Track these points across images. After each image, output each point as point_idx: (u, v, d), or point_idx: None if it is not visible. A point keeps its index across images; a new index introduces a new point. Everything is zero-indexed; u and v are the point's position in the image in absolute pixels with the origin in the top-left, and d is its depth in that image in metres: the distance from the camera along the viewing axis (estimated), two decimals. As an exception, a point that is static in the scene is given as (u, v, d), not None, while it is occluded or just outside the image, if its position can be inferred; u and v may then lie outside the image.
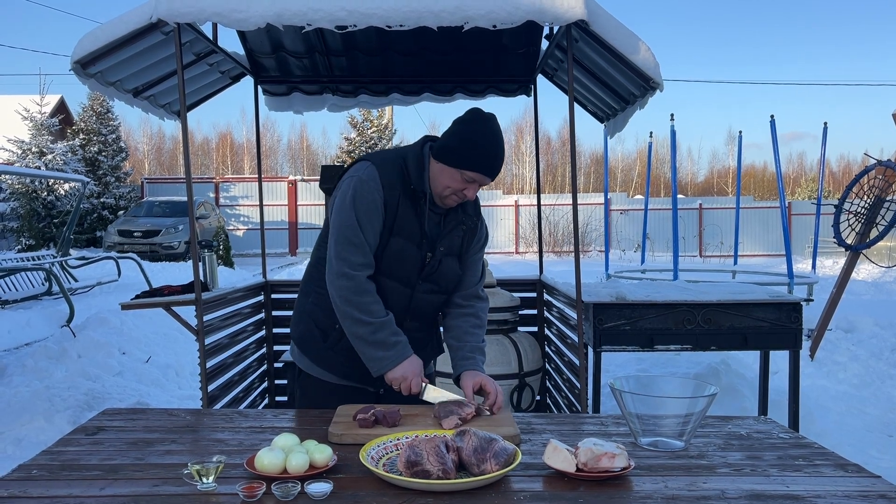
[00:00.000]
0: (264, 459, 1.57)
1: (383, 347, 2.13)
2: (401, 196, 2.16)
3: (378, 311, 2.14)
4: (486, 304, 2.42)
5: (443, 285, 2.29)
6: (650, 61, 3.06)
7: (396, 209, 2.15)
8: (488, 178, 2.16)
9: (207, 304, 3.39)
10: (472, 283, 2.38)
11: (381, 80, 4.72)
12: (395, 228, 2.16)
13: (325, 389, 2.32)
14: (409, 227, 2.17)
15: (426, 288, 2.25)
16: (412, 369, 2.14)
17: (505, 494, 1.51)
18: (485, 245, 2.40)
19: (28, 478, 1.59)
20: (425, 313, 2.31)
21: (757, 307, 3.66)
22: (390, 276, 2.20)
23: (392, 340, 2.14)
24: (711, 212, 23.53)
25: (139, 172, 37.61)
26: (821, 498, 1.51)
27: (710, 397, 1.79)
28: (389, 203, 2.14)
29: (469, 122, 2.15)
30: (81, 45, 3.07)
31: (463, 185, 2.14)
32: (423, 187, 2.18)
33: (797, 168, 56.95)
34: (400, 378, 2.14)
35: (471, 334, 2.32)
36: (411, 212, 2.17)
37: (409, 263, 2.19)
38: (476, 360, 2.28)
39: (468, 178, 2.13)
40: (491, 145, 2.13)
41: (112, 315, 7.00)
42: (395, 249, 2.17)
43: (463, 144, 2.12)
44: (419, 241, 2.19)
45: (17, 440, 4.29)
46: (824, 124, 10.47)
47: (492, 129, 2.15)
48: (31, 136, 21.09)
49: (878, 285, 13.27)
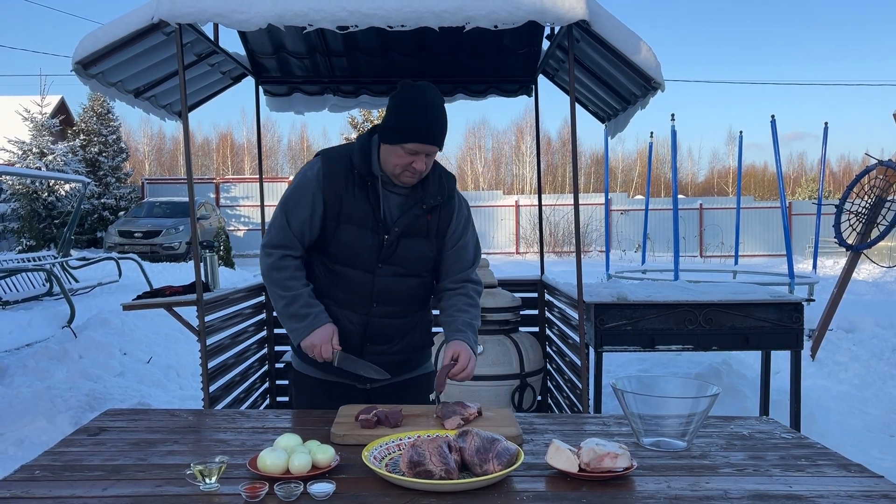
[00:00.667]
0: (267, 460, 1.57)
1: (296, 319, 2.22)
2: (346, 184, 2.19)
3: (292, 286, 2.23)
4: (480, 287, 2.40)
5: (408, 267, 2.27)
6: (651, 61, 3.06)
7: (340, 199, 2.19)
8: (430, 145, 2.13)
9: (209, 304, 3.39)
10: (463, 267, 2.35)
11: (382, 81, 4.72)
12: (343, 216, 2.20)
13: (315, 386, 2.37)
14: (360, 213, 2.20)
15: (388, 271, 2.25)
16: (321, 336, 2.19)
17: (507, 495, 1.51)
18: (468, 226, 2.36)
19: (31, 478, 1.59)
20: (395, 298, 2.29)
21: (758, 307, 3.66)
22: (348, 264, 2.24)
23: (303, 312, 2.21)
24: (712, 212, 23.53)
25: (139, 173, 37.61)
26: (824, 498, 1.51)
27: (712, 397, 1.79)
28: (331, 193, 2.19)
29: (397, 96, 2.16)
30: (83, 46, 3.07)
31: (408, 158, 2.13)
32: (370, 170, 2.20)
33: (797, 168, 56.95)
34: (310, 346, 2.20)
35: (462, 311, 2.31)
36: (361, 198, 2.20)
37: (365, 248, 2.21)
38: (467, 334, 2.26)
39: (410, 151, 2.12)
40: (422, 113, 2.12)
41: (113, 316, 7.00)
42: (346, 237, 2.21)
43: (395, 119, 2.13)
44: (374, 225, 2.20)
45: (18, 441, 4.28)
46: (825, 124, 10.47)
47: (423, 96, 2.14)
48: (31, 137, 21.09)
49: (878, 285, 13.27)
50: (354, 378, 2.31)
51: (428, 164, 2.18)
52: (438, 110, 2.16)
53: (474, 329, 2.30)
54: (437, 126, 2.15)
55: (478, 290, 2.39)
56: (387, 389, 2.35)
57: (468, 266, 2.37)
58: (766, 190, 49.88)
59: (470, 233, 2.37)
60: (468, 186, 46.47)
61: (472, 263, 2.38)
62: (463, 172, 49.71)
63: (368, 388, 2.35)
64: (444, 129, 2.18)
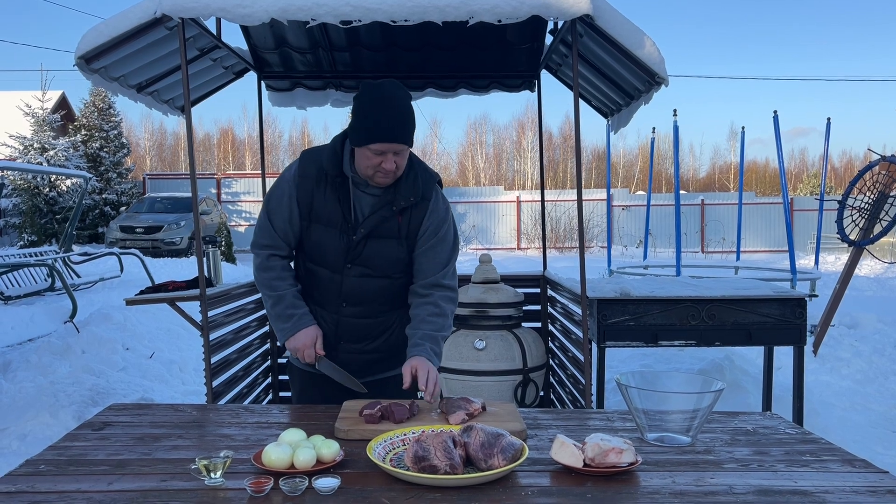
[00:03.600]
0: (272, 455, 1.57)
1: (282, 319, 2.26)
2: (317, 185, 2.20)
3: (278, 287, 2.27)
4: (450, 293, 2.31)
5: (375, 269, 2.25)
6: (655, 56, 3.05)
7: (311, 199, 2.21)
8: (396, 143, 2.09)
9: (212, 299, 3.39)
10: (433, 271, 2.27)
11: (385, 76, 4.70)
12: (313, 216, 2.22)
13: (306, 378, 2.40)
14: (329, 213, 2.21)
15: (356, 272, 2.24)
16: (304, 340, 2.22)
17: (512, 490, 1.51)
18: (441, 228, 2.28)
19: (35, 473, 1.59)
20: (363, 298, 2.27)
21: (761, 303, 3.65)
22: (318, 263, 2.27)
23: (288, 313, 2.25)
24: (713, 208, 23.50)
25: (141, 168, 37.64)
26: (829, 493, 1.50)
27: (716, 393, 1.79)
28: (304, 193, 2.22)
29: (359, 97, 2.14)
30: (85, 41, 3.06)
31: (377, 159, 2.10)
32: (339, 171, 2.19)
33: (799, 164, 56.84)
34: (293, 348, 2.25)
35: (426, 322, 2.24)
36: (332, 198, 2.20)
37: (332, 249, 2.22)
38: (424, 346, 2.19)
39: (377, 151, 2.09)
40: (384, 112, 2.08)
41: (115, 311, 7.01)
42: (315, 237, 2.23)
43: (358, 120, 2.11)
44: (342, 225, 2.21)
45: (22, 436, 4.29)
46: (827, 119, 10.45)
47: (381, 95, 2.10)
48: (32, 132, 21.07)
49: (880, 281, 13.25)
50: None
51: (399, 163, 2.13)
52: (400, 107, 2.10)
53: (436, 339, 2.23)
54: (400, 123, 2.10)
55: (448, 297, 2.30)
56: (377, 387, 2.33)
57: (439, 268, 2.28)
58: (767, 186, 49.81)
59: (444, 233, 2.29)
60: (469, 182, 46.45)
61: (443, 265, 2.29)
62: (464, 168, 49.71)
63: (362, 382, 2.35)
64: (407, 125, 2.12)
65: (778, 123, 9.46)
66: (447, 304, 2.30)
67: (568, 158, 47.60)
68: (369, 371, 2.36)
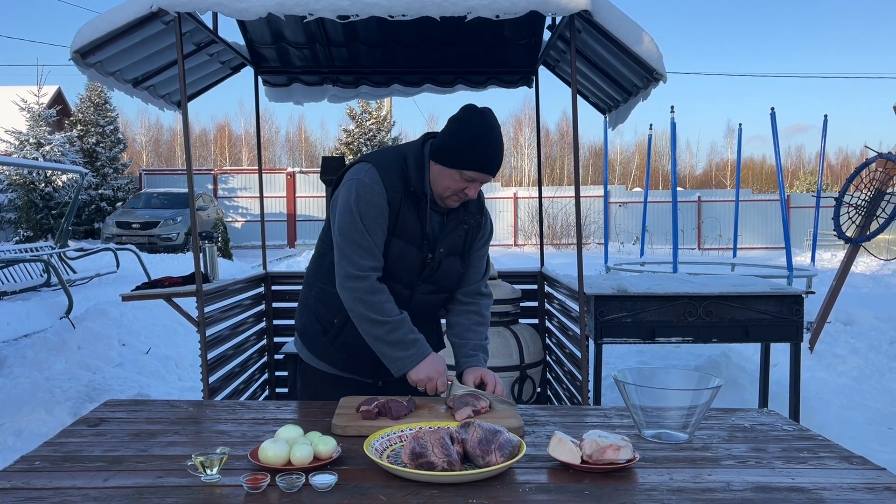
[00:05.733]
0: (268, 451, 1.56)
1: (402, 347, 2.11)
2: (402, 198, 2.12)
3: (392, 311, 2.11)
4: (490, 300, 2.39)
5: (444, 285, 2.26)
6: (654, 52, 3.05)
7: (399, 211, 2.12)
8: (488, 175, 2.10)
9: (208, 295, 3.39)
10: (476, 279, 2.34)
11: (382, 71, 4.70)
12: (397, 230, 2.13)
13: (325, 380, 2.33)
14: (410, 228, 2.14)
15: (426, 289, 2.23)
16: (436, 368, 2.12)
17: (510, 486, 1.51)
18: (489, 240, 2.36)
19: (31, 469, 1.58)
20: (424, 313, 2.29)
21: (758, 299, 3.65)
22: (390, 278, 2.16)
23: (410, 339, 2.12)
24: (710, 204, 23.54)
25: (137, 164, 37.54)
26: (826, 490, 1.50)
27: (714, 389, 1.79)
28: (392, 205, 2.11)
29: (464, 120, 2.09)
30: (81, 35, 3.05)
31: (463, 184, 2.09)
32: (423, 189, 2.14)
33: (795, 161, 56.99)
34: (425, 379, 2.11)
35: (473, 332, 2.29)
36: (413, 213, 2.14)
37: (408, 265, 2.16)
38: (479, 357, 2.25)
39: (468, 178, 2.08)
40: (488, 142, 2.06)
41: (111, 306, 6.99)
42: (395, 251, 2.14)
43: (460, 143, 2.06)
44: (420, 242, 2.16)
45: (17, 432, 4.28)
46: (824, 117, 10.45)
47: (488, 124, 2.09)
48: (28, 127, 21.00)
49: (876, 278, 13.29)
50: (368, 374, 2.29)
51: (476, 192, 2.15)
52: (500, 141, 2.11)
53: (485, 349, 2.28)
54: (498, 157, 2.10)
55: (487, 305, 2.36)
56: (399, 386, 2.30)
57: (480, 278, 2.34)
58: (763, 182, 49.90)
59: (487, 246, 2.37)
60: (466, 178, 46.33)
61: (483, 275, 2.36)
62: (461, 164, 49.57)
63: (381, 385, 2.33)
64: (502, 159, 2.13)
65: (775, 120, 9.45)
66: (488, 312, 2.36)
67: (565, 155, 47.60)
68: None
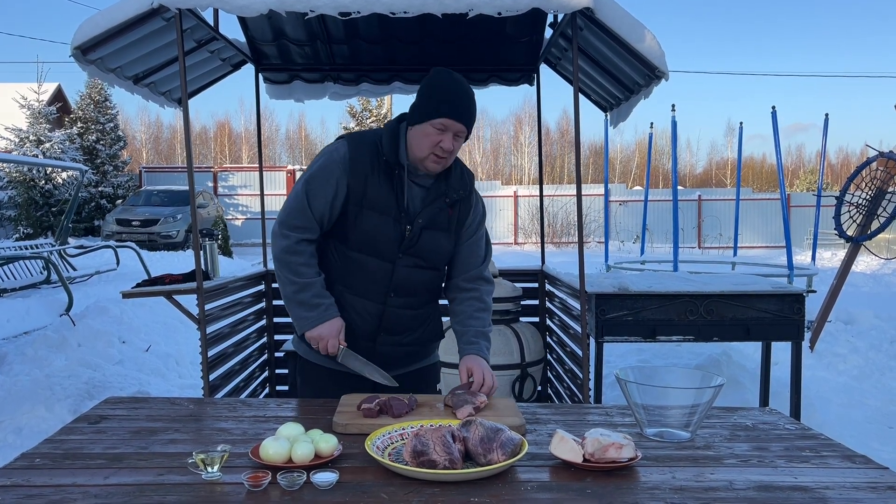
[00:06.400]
0: (269, 449, 1.56)
1: (305, 307, 2.18)
2: (372, 170, 2.16)
3: (305, 273, 2.18)
4: (492, 286, 2.39)
5: (428, 260, 2.26)
6: (656, 50, 3.04)
7: (365, 183, 2.15)
8: (459, 122, 2.12)
9: (209, 293, 3.38)
10: (476, 263, 2.35)
11: (383, 69, 4.69)
12: (367, 202, 2.16)
13: (323, 375, 2.33)
14: (384, 200, 2.17)
15: (408, 262, 2.23)
16: (329, 331, 2.17)
17: (512, 485, 1.50)
18: (482, 222, 2.37)
19: (31, 466, 1.58)
20: (412, 289, 2.28)
21: (759, 298, 3.65)
22: (368, 252, 2.20)
23: (314, 302, 2.18)
24: (710, 203, 23.53)
25: (137, 161, 37.50)
26: (829, 489, 1.50)
27: (716, 388, 1.78)
28: (357, 177, 2.15)
29: (430, 78, 2.17)
30: (82, 31, 3.04)
31: (437, 136, 2.11)
32: (397, 159, 2.18)
33: (796, 160, 56.94)
34: (316, 337, 2.18)
35: (474, 318, 2.30)
36: (385, 184, 2.17)
37: (385, 237, 2.18)
38: (480, 345, 2.26)
39: (439, 127, 2.10)
40: (454, 90, 2.12)
41: (111, 304, 6.98)
42: (367, 225, 2.17)
43: (425, 96, 2.13)
44: (396, 214, 2.18)
45: (17, 429, 4.28)
46: (825, 115, 10.43)
47: (453, 77, 2.15)
48: (28, 125, 20.99)
49: (876, 277, 13.28)
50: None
51: (455, 147, 2.15)
52: (466, 89, 2.15)
53: (486, 336, 2.29)
54: (465, 103, 2.13)
55: (489, 291, 2.37)
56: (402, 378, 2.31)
57: (481, 262, 2.36)
58: (764, 181, 49.87)
59: (483, 229, 2.38)
60: (467, 177, 46.31)
61: (484, 259, 2.37)
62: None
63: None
64: (472, 111, 2.16)
65: (776, 119, 9.44)
66: (489, 298, 2.37)
67: (566, 153, 47.58)
68: (402, 363, 2.35)
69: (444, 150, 2.13)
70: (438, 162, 2.16)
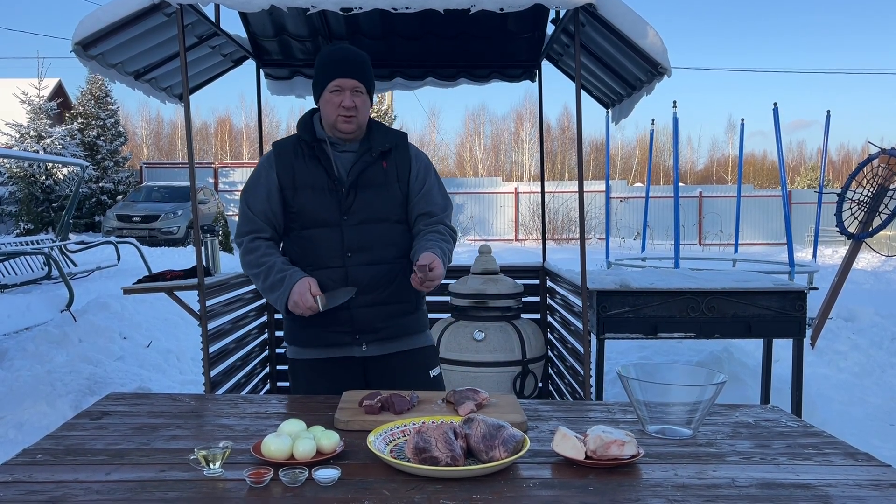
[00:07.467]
0: (271, 445, 1.56)
1: (276, 288, 2.26)
2: (296, 156, 2.34)
3: (265, 261, 2.30)
4: (452, 232, 2.42)
5: (372, 213, 2.32)
6: (658, 46, 3.03)
7: (293, 169, 2.33)
8: (349, 78, 2.26)
9: (210, 289, 3.37)
10: (435, 212, 2.40)
11: (385, 65, 4.67)
12: (299, 183, 2.32)
13: (308, 369, 2.40)
14: (314, 176, 2.32)
15: (354, 220, 2.31)
16: (298, 290, 2.21)
17: (514, 482, 1.50)
18: (430, 171, 2.44)
19: (33, 462, 1.58)
20: (367, 244, 2.33)
21: (761, 295, 3.65)
22: (313, 225, 2.32)
23: (278, 278, 2.26)
24: (711, 200, 23.50)
25: (138, 157, 37.47)
26: (832, 487, 1.50)
27: (719, 385, 1.78)
28: (283, 166, 2.33)
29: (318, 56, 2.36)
30: (83, 26, 3.03)
31: (337, 98, 2.26)
32: (314, 137, 2.34)
33: (797, 157, 56.83)
34: (294, 304, 2.22)
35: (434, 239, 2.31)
36: (312, 163, 2.33)
37: (325, 207, 2.30)
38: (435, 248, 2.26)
39: (334, 89, 2.26)
40: (336, 54, 2.28)
41: (112, 300, 6.99)
42: (305, 200, 2.31)
43: (316, 70, 2.32)
44: (329, 184, 2.31)
45: (18, 424, 4.28)
46: (827, 112, 10.42)
47: (335, 45, 2.33)
48: (29, 120, 20.95)
49: (877, 274, 13.27)
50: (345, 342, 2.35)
51: (359, 104, 2.27)
52: (352, 50, 2.31)
53: (444, 251, 2.30)
54: (352, 61, 2.27)
55: (451, 232, 2.42)
56: (383, 364, 2.37)
57: (440, 210, 2.42)
58: (764, 178, 49.80)
59: (433, 179, 2.44)
60: (467, 173, 46.35)
61: (443, 208, 2.43)
62: (462, 159, 49.61)
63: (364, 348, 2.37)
64: (359, 64, 2.29)
65: (778, 116, 9.42)
66: (448, 234, 2.40)
67: (566, 150, 47.52)
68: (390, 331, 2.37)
69: (347, 109, 2.26)
70: (348, 121, 2.28)
